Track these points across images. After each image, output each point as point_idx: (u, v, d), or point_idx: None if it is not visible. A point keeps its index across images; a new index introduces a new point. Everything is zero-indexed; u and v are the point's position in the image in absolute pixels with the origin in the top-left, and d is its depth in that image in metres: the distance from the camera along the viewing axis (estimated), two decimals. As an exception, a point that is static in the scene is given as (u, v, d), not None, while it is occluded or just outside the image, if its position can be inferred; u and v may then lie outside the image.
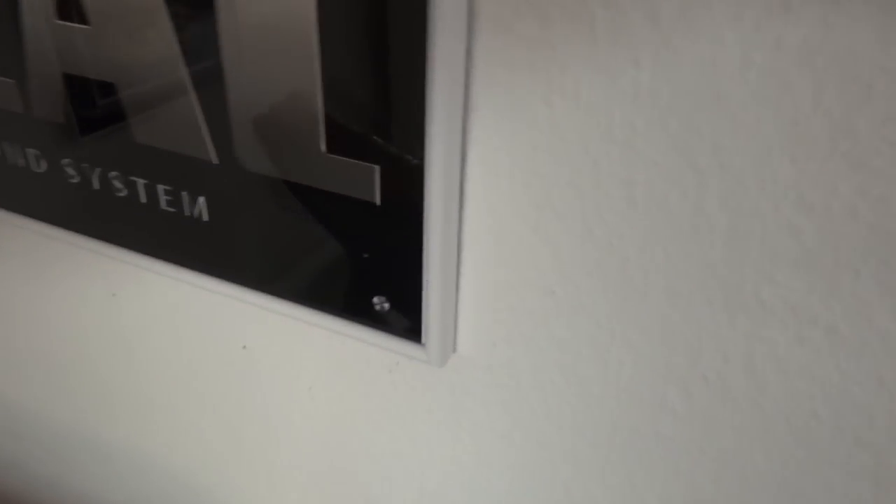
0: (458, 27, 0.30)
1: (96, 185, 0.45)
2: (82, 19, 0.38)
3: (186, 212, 0.42)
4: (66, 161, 0.45)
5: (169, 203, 0.43)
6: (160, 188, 0.43)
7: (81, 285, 0.54)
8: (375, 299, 0.39)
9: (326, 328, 0.41)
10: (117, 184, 0.44)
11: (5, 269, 0.58)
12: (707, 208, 0.30)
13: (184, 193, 0.42)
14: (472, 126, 0.33)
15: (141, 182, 0.43)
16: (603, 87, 0.29)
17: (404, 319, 0.39)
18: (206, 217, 0.42)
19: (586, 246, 0.34)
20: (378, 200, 0.36)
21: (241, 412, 0.53)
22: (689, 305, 0.32)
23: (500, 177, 0.34)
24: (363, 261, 0.38)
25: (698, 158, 0.29)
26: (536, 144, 0.32)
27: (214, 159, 0.39)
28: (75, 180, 0.46)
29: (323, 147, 0.36)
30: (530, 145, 0.32)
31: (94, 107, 0.42)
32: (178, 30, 0.36)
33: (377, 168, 0.35)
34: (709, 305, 0.32)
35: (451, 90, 0.31)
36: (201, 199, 0.42)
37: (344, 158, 0.35)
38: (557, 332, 0.37)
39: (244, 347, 0.49)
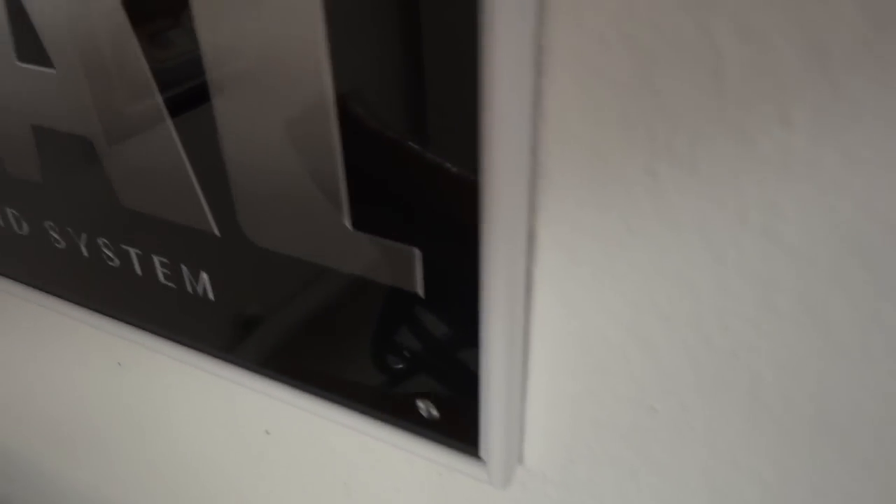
0: (523, 55, 0.21)
1: (85, 252, 0.38)
2: (46, 62, 0.31)
3: (188, 288, 0.35)
4: (48, 224, 0.38)
5: (167, 277, 0.35)
6: (156, 260, 0.35)
7: (83, 353, 0.47)
8: (420, 403, 0.31)
9: (360, 431, 0.33)
10: (108, 252, 0.37)
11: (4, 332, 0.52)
12: (888, 319, 0.21)
13: (183, 267, 0.34)
14: (541, 196, 0.24)
15: (133, 252, 0.35)
16: (732, 150, 0.21)
17: (456, 429, 0.31)
18: (211, 296, 0.34)
19: (701, 357, 0.25)
20: (421, 292, 0.27)
21: (263, 499, 0.46)
22: (851, 446, 0.24)
23: (581, 264, 0.25)
24: (404, 358, 0.30)
25: (875, 255, 0.20)
26: (633, 226, 0.23)
27: (216, 231, 0.32)
28: (61, 245, 0.38)
29: (347, 222, 0.27)
30: (625, 226, 0.24)
31: (69, 165, 0.35)
32: (158, 78, 0.28)
33: (417, 252, 0.27)
34: (879, 447, 0.23)
35: (515, 147, 0.23)
36: (204, 275, 0.34)
37: (375, 237, 0.27)
38: (657, 456, 0.28)
39: (267, 432, 0.42)
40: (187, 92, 0.28)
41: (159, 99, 0.29)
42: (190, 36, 0.26)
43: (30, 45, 0.31)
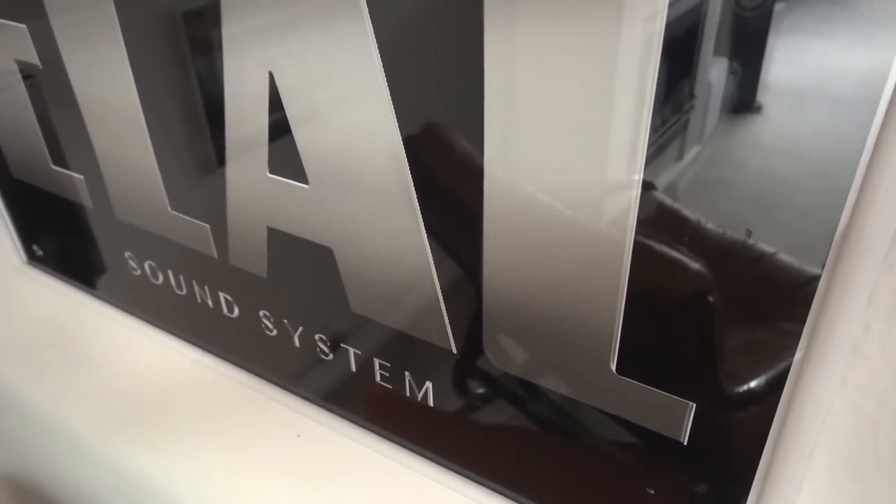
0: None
1: (297, 343, 0.38)
2: (300, 177, 0.31)
3: (407, 392, 0.35)
4: (263, 313, 0.39)
5: (385, 378, 0.36)
6: (377, 362, 0.35)
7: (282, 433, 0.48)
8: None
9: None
10: (322, 347, 0.37)
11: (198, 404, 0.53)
12: None
13: (407, 374, 0.34)
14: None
15: (353, 351, 0.36)
16: None
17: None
18: (431, 402, 0.34)
19: None
20: (685, 440, 0.27)
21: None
22: None
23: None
24: (647, 498, 0.29)
25: None
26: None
27: (454, 349, 0.32)
28: (272, 333, 0.39)
29: (613, 366, 0.27)
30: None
31: (299, 266, 0.35)
32: (428, 220, 0.28)
33: (692, 405, 0.26)
34: None
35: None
36: (428, 384, 0.34)
37: (642, 385, 0.27)
38: None
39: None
40: (453, 216, 0.28)
41: (419, 220, 0.29)
42: (472, 181, 0.26)
43: (285, 160, 0.31)
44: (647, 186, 0.23)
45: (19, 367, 0.73)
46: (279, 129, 0.31)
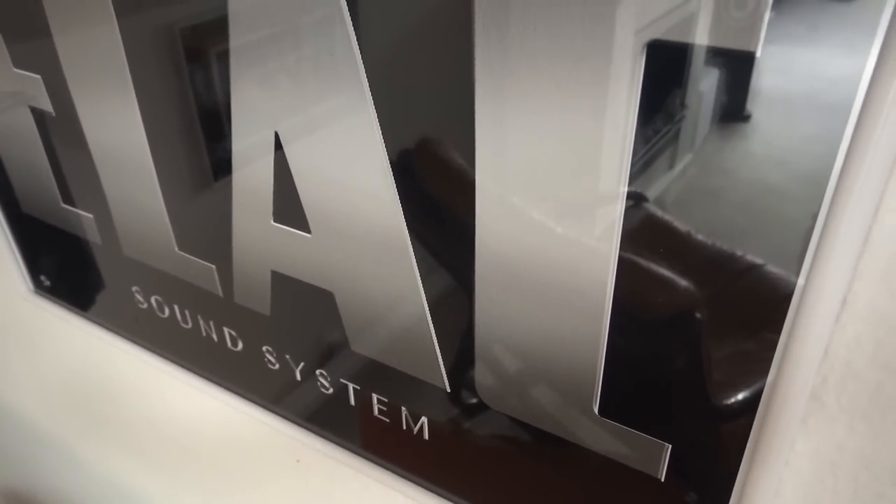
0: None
1: (298, 377, 0.40)
2: (302, 226, 0.33)
3: (404, 425, 0.37)
4: (266, 348, 0.41)
5: (382, 413, 0.38)
6: (375, 397, 0.37)
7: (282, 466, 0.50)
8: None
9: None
10: (323, 381, 0.39)
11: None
12: None
13: (403, 409, 0.36)
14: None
15: (351, 386, 0.38)
16: None
17: None
18: (426, 436, 0.36)
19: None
20: (661, 476, 0.29)
21: None
22: None
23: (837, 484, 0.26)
24: (628, 528, 0.31)
25: None
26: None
27: (447, 387, 0.34)
28: (274, 367, 0.41)
29: (595, 408, 0.29)
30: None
31: (300, 306, 0.37)
32: (423, 268, 0.30)
33: (668, 446, 0.28)
34: None
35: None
36: (424, 419, 0.36)
37: (622, 427, 0.29)
38: None
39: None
40: (447, 267, 0.31)
41: (415, 269, 0.31)
42: (465, 241, 0.28)
43: (289, 210, 0.33)
44: (635, 198, 0.24)
45: (22, 387, 0.75)
46: (283, 181, 0.33)
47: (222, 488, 0.58)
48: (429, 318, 0.32)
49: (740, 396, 0.26)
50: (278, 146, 0.32)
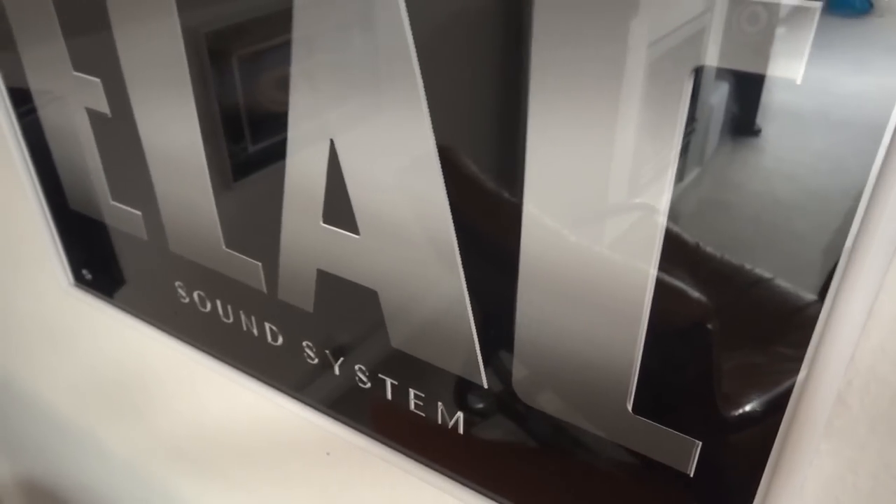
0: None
1: (337, 371, 0.42)
2: (351, 228, 0.35)
3: (439, 419, 0.39)
4: (306, 343, 0.43)
5: (419, 407, 0.39)
6: (412, 392, 0.39)
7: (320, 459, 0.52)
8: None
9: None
10: (361, 376, 0.41)
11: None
12: None
13: (440, 404, 0.38)
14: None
15: (389, 381, 0.40)
16: None
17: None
18: (461, 430, 0.38)
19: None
20: (691, 472, 0.31)
21: None
22: None
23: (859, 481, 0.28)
24: (656, 521, 0.33)
25: None
26: (922, 455, 0.26)
27: (484, 384, 0.35)
28: (313, 361, 0.43)
29: (629, 406, 0.31)
30: None
31: (343, 304, 0.39)
32: (469, 270, 0.32)
33: (698, 443, 0.30)
34: None
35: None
36: (460, 414, 0.38)
37: (655, 424, 0.30)
38: None
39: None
40: (491, 270, 0.32)
41: (461, 271, 0.33)
42: (509, 239, 0.30)
43: (338, 212, 0.35)
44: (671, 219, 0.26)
45: (53, 378, 0.77)
46: (335, 184, 0.34)
47: (250, 481, 0.59)
48: (470, 317, 0.34)
49: (769, 398, 0.28)
50: (332, 151, 0.34)
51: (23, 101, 0.49)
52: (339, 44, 0.30)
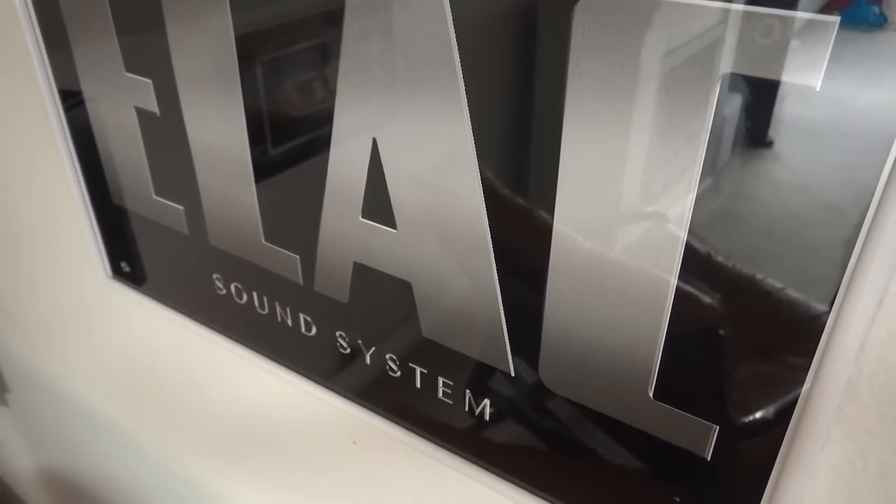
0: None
1: (368, 360, 0.44)
2: (389, 222, 0.37)
3: (466, 407, 0.41)
4: (339, 333, 0.45)
5: (447, 395, 0.41)
6: (441, 380, 0.41)
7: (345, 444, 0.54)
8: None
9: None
10: (392, 365, 0.43)
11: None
12: None
13: (468, 392, 0.40)
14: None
15: (419, 370, 0.42)
16: None
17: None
18: (487, 417, 0.40)
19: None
20: (708, 456, 0.32)
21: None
22: None
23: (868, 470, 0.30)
24: (673, 504, 0.35)
25: None
26: (927, 440, 0.28)
27: (511, 371, 0.37)
28: (345, 351, 0.45)
29: (651, 392, 0.33)
30: (917, 438, 0.28)
31: (377, 295, 0.41)
32: (501, 264, 0.34)
33: (716, 428, 0.32)
34: None
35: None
36: (486, 401, 0.40)
37: (674, 409, 0.32)
38: None
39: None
40: (523, 265, 0.34)
41: (493, 264, 0.35)
42: (541, 236, 0.32)
43: (377, 207, 0.37)
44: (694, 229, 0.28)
45: (84, 370, 0.79)
46: (375, 182, 0.37)
47: (278, 468, 0.62)
48: (501, 308, 0.36)
49: (782, 385, 0.29)
50: (374, 149, 0.36)
51: (71, 98, 0.51)
52: (385, 47, 0.33)
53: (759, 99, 0.24)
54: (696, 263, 0.29)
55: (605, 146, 0.28)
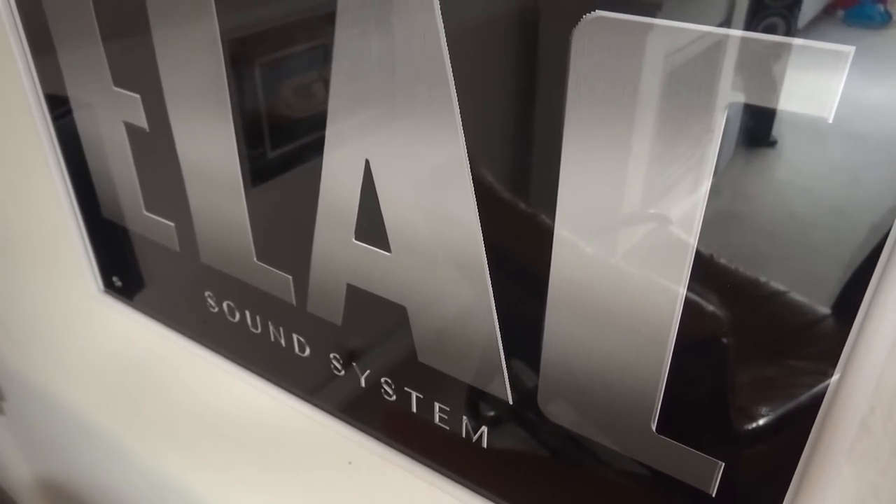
0: None
1: (363, 383, 0.43)
2: (383, 245, 0.36)
3: (463, 434, 0.40)
4: (333, 355, 0.44)
5: (443, 421, 0.40)
6: (437, 405, 0.40)
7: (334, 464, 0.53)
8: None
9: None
10: (387, 388, 0.42)
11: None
12: None
13: (464, 417, 0.39)
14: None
15: (415, 394, 0.41)
16: None
17: None
18: (485, 444, 0.39)
19: None
20: (713, 492, 0.31)
21: None
22: None
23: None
24: (677, 539, 0.34)
25: None
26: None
27: (509, 400, 0.36)
28: (339, 373, 0.44)
29: (654, 426, 0.31)
30: (933, 480, 0.27)
31: (371, 318, 0.40)
32: (498, 290, 0.33)
33: (721, 464, 0.30)
34: None
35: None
36: (484, 429, 0.39)
37: (678, 444, 0.31)
38: None
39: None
40: (520, 290, 0.33)
41: (490, 291, 0.34)
42: (542, 256, 0.31)
43: (370, 229, 0.36)
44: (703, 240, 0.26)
45: (77, 381, 0.78)
46: (368, 203, 0.35)
47: (273, 487, 0.60)
48: (498, 334, 0.34)
49: (793, 423, 0.28)
50: (367, 171, 0.35)
51: (60, 112, 0.50)
52: (378, 68, 0.31)
53: (762, 123, 0.23)
54: (700, 278, 0.27)
55: (604, 170, 0.27)
